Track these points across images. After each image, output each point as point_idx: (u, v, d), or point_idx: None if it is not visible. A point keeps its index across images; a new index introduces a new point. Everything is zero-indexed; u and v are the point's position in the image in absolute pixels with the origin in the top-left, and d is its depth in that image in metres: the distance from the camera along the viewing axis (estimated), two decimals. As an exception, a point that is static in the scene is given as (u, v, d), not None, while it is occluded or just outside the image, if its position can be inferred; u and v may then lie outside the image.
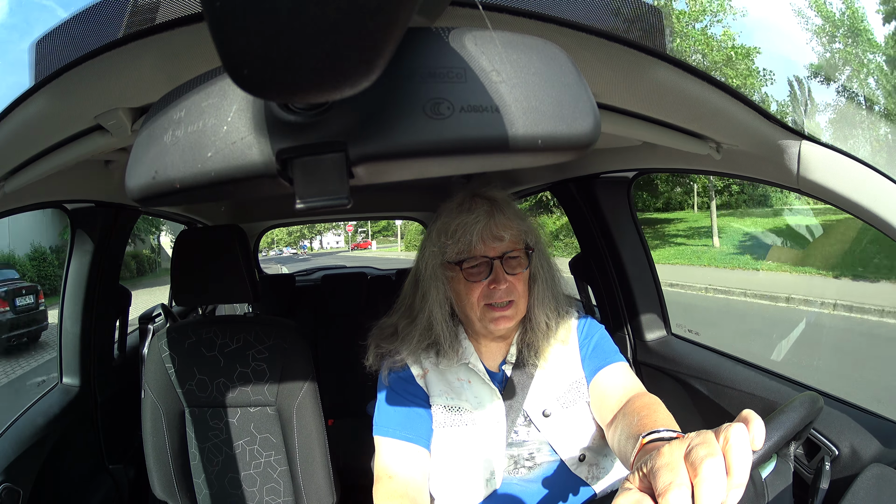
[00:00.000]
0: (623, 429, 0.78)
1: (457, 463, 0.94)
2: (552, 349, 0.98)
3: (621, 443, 0.77)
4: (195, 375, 1.29)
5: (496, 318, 0.92)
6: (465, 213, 0.92)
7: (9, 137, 0.74)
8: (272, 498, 1.31)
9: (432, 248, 0.94)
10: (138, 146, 0.37)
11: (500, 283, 0.90)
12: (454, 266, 0.93)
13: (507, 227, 0.91)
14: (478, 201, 0.93)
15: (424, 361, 0.99)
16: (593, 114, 0.32)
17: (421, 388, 0.99)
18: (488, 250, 0.91)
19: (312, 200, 0.33)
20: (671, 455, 0.48)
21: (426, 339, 0.96)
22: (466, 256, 0.91)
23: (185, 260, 1.33)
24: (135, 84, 0.66)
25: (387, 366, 1.01)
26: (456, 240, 0.90)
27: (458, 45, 0.31)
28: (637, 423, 0.74)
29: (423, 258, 0.96)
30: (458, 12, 0.51)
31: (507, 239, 0.91)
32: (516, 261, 0.93)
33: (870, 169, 0.75)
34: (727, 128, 0.81)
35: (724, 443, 0.46)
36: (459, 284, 0.93)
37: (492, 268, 0.91)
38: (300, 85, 0.26)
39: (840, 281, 7.55)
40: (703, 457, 0.45)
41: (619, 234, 1.52)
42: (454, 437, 0.94)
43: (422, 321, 0.96)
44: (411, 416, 0.96)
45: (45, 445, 1.26)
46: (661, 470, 0.47)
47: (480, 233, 0.90)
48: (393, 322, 1.03)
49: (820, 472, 0.81)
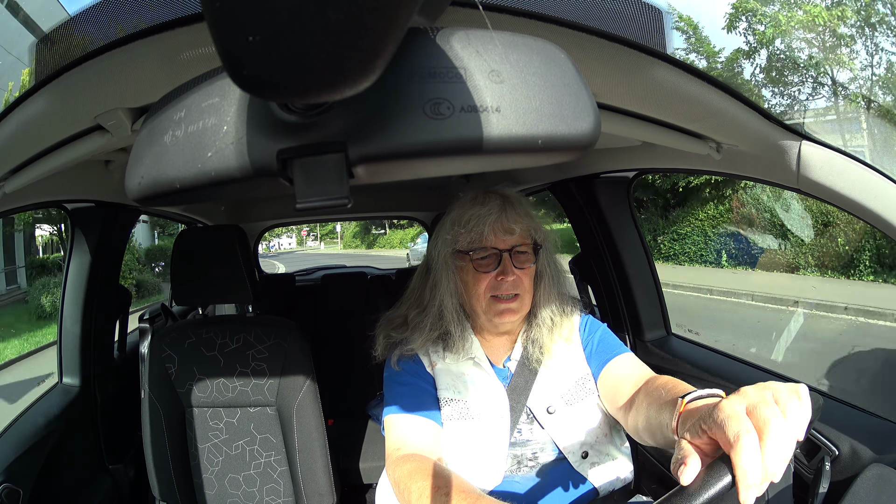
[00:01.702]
0: (650, 403, 0.77)
1: (460, 456, 0.94)
2: (556, 346, 0.99)
3: (650, 417, 0.75)
4: (195, 375, 1.29)
5: (501, 310, 0.94)
6: (479, 205, 0.95)
7: (9, 137, 0.74)
8: (272, 498, 1.31)
9: (445, 237, 0.97)
10: (138, 146, 0.37)
11: (508, 274, 0.93)
12: (464, 255, 0.95)
13: (517, 221, 0.94)
14: (491, 196, 0.97)
15: (433, 355, 1.00)
16: (593, 114, 0.32)
17: (431, 377, 0.99)
18: (499, 242, 0.94)
19: (312, 200, 0.33)
20: (733, 408, 0.49)
21: (437, 330, 0.98)
22: (477, 246, 0.94)
23: (185, 260, 1.32)
24: (135, 84, 0.66)
25: (397, 353, 1.01)
26: (469, 229, 0.93)
27: (458, 45, 0.31)
28: (667, 394, 0.73)
29: (436, 247, 0.98)
30: (459, 12, 0.51)
31: (518, 232, 0.94)
32: (525, 255, 0.95)
33: (870, 169, 0.75)
34: (727, 128, 0.81)
35: (783, 409, 0.47)
36: (468, 275, 0.96)
37: (500, 259, 0.93)
38: (300, 85, 0.26)
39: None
40: (769, 416, 0.46)
41: (619, 234, 1.52)
42: (459, 430, 0.95)
43: (432, 311, 0.98)
44: (422, 398, 0.96)
45: (45, 445, 1.26)
46: (728, 421, 0.47)
47: (493, 224, 0.93)
48: (402, 313, 1.04)
49: (820, 473, 0.80)
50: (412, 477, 0.79)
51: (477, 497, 0.72)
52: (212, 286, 1.33)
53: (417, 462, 0.83)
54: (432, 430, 0.93)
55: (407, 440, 0.91)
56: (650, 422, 0.75)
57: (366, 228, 28.90)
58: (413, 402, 0.95)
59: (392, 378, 1.00)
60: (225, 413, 1.31)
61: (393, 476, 0.85)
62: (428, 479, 0.77)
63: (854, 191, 0.76)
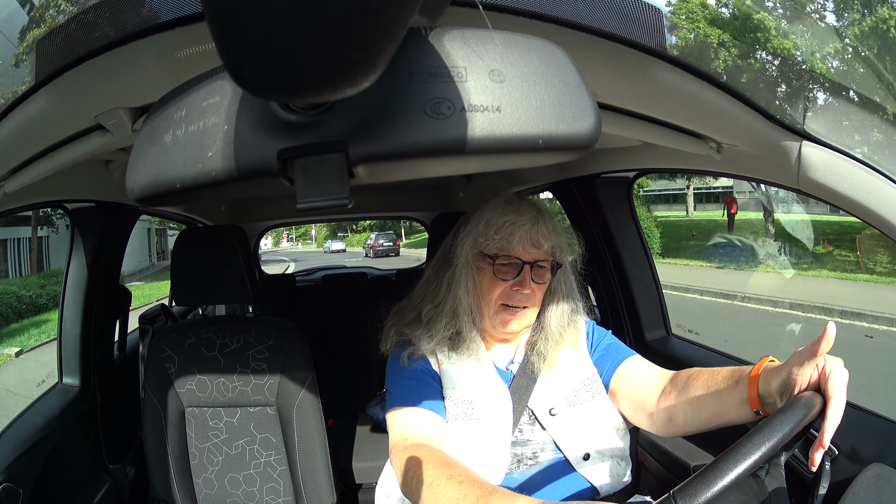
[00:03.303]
0: (700, 386, 0.84)
1: (462, 455, 0.94)
2: (560, 355, 1.01)
3: (708, 392, 0.83)
4: (195, 375, 1.29)
5: (507, 319, 0.96)
6: (514, 212, 0.95)
7: (9, 137, 0.74)
8: (272, 498, 1.31)
9: (477, 238, 0.96)
10: (139, 146, 0.37)
11: (525, 287, 0.94)
12: (487, 259, 0.96)
13: (547, 237, 0.95)
14: (527, 205, 0.97)
15: (439, 354, 1.01)
16: (594, 114, 0.32)
17: (438, 375, 1.00)
18: (524, 254, 0.94)
19: (313, 200, 0.33)
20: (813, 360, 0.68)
21: (451, 329, 0.98)
22: (503, 253, 0.94)
23: (185, 260, 1.32)
24: (135, 84, 0.66)
25: (407, 351, 1.01)
26: (501, 235, 0.94)
27: (459, 45, 0.31)
28: (720, 373, 0.83)
29: (463, 244, 0.97)
30: (459, 12, 0.51)
31: (545, 248, 0.95)
32: (543, 271, 0.97)
33: (870, 169, 0.75)
34: (727, 128, 0.81)
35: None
36: (485, 278, 0.96)
37: (521, 270, 0.94)
38: (301, 85, 0.26)
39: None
40: (839, 385, 0.66)
41: (620, 234, 1.52)
42: (463, 429, 0.95)
43: (447, 307, 0.98)
44: (429, 393, 0.96)
45: (45, 445, 1.26)
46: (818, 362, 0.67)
47: (524, 235, 0.94)
48: (415, 306, 1.04)
49: (820, 472, 0.80)
50: (422, 465, 0.78)
51: (491, 489, 0.70)
52: (212, 286, 1.33)
53: (428, 451, 0.82)
54: (440, 423, 0.93)
55: (415, 430, 0.90)
56: (706, 396, 0.83)
57: (334, 232, 37.50)
58: (420, 395, 0.95)
59: (399, 373, 1.00)
60: (225, 413, 1.31)
61: (400, 464, 0.83)
62: (441, 467, 0.75)
63: (854, 191, 0.76)
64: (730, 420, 0.80)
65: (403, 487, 0.81)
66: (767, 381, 0.74)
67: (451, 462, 0.78)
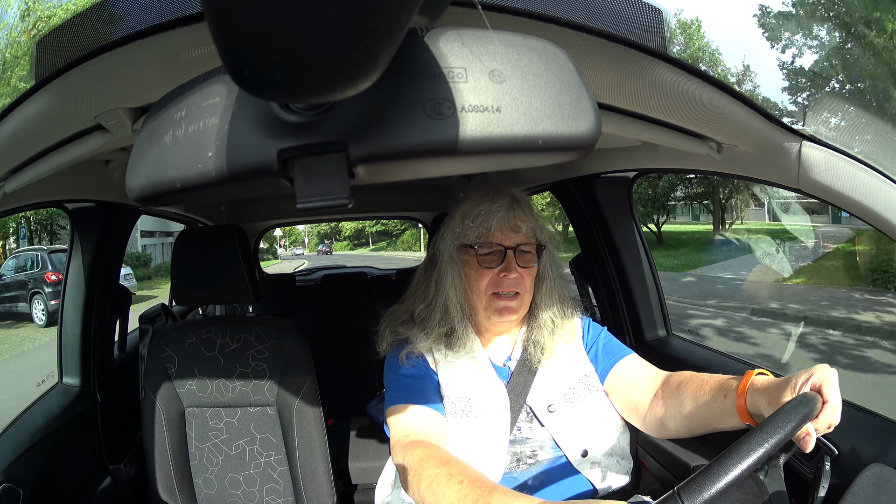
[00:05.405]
0: (689, 396, 0.85)
1: (461, 453, 0.94)
2: (557, 347, 1.00)
3: (697, 404, 0.83)
4: (195, 375, 1.29)
5: (501, 307, 0.96)
6: (489, 202, 0.97)
7: (9, 137, 0.74)
8: (272, 498, 1.31)
9: (455, 230, 0.98)
10: (139, 146, 0.37)
11: (511, 271, 0.94)
12: (469, 249, 0.96)
13: (524, 220, 0.96)
14: (501, 194, 0.99)
15: (436, 353, 1.01)
16: (594, 114, 0.32)
17: (435, 374, 1.00)
18: (504, 239, 0.95)
19: (313, 200, 0.33)
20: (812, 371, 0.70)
21: (445, 326, 0.99)
22: (483, 241, 0.95)
23: (186, 260, 1.32)
24: (135, 84, 0.66)
25: (405, 351, 1.01)
26: (477, 224, 0.95)
27: (459, 45, 0.31)
28: (708, 383, 0.83)
29: (444, 240, 0.99)
30: (459, 12, 0.51)
31: (524, 231, 0.96)
32: (528, 255, 0.97)
33: (871, 169, 0.75)
34: (727, 128, 0.81)
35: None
36: (471, 270, 0.97)
37: (504, 256, 0.95)
38: (301, 85, 0.26)
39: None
40: (833, 385, 0.68)
41: (620, 234, 1.52)
42: (461, 427, 0.95)
43: (438, 305, 0.99)
44: (428, 391, 0.96)
45: (45, 445, 1.26)
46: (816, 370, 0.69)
47: (500, 220, 0.95)
48: (408, 307, 1.05)
49: (820, 472, 0.80)
50: (423, 463, 0.77)
51: (491, 488, 0.69)
52: (212, 286, 1.33)
53: (428, 448, 0.82)
54: (440, 420, 0.93)
55: (415, 427, 0.90)
56: (695, 408, 0.83)
57: (322, 240, 44.96)
58: (419, 393, 0.95)
59: (397, 372, 1.00)
60: (225, 413, 1.31)
61: (402, 462, 0.83)
62: (441, 465, 0.75)
63: (854, 191, 0.76)
64: (721, 429, 0.81)
65: (405, 485, 0.81)
66: (755, 397, 0.74)
67: (452, 460, 0.78)
